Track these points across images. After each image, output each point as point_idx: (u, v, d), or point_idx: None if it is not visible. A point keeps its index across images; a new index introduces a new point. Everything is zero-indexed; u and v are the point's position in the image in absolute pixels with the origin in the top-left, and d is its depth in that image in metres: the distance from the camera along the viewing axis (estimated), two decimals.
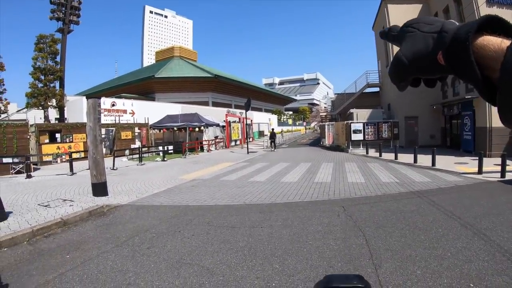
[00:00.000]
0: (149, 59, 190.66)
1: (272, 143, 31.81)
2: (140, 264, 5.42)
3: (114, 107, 30.61)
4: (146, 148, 25.62)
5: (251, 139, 39.37)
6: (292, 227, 7.29)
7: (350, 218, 8.00)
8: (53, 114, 34.28)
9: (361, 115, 30.69)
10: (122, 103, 32.04)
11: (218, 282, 4.73)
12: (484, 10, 20.14)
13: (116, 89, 63.32)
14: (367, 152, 24.17)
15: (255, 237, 6.67)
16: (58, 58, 32.69)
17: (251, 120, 47.31)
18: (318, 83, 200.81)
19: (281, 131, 56.58)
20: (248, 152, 27.86)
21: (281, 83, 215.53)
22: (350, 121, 28.63)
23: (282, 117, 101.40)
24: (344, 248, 5.98)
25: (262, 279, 4.80)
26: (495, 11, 20.20)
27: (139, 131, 28.66)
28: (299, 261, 5.43)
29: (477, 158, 14.18)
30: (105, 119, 28.22)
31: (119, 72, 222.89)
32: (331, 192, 11.22)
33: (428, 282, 4.62)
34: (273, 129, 34.34)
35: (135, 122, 30.31)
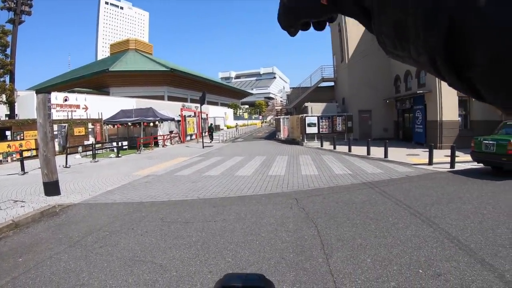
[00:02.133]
0: (103, 52, 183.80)
1: (210, 136, 35.79)
2: (93, 263, 5.28)
3: (66, 102, 29.46)
4: (100, 145, 24.86)
5: (206, 133, 39.09)
6: (245, 221, 7.31)
7: (302, 210, 8.09)
8: (3, 110, 32.30)
9: (315, 109, 31.18)
10: (75, 98, 30.86)
11: (172, 278, 4.69)
12: None
13: (69, 83, 60.53)
14: (321, 145, 24.65)
15: (208, 231, 6.65)
16: (8, 51, 30.89)
17: (207, 114, 46.99)
18: (275, 77, 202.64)
19: (236, 125, 56.47)
20: (203, 147, 27.69)
21: (237, 77, 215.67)
22: (305, 115, 29.10)
23: (238, 111, 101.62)
24: (296, 239, 6.05)
25: (215, 273, 4.80)
26: None
27: (92, 127, 27.77)
28: (252, 254, 5.45)
29: (428, 150, 14.77)
30: (57, 114, 26.92)
31: (72, 66, 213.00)
32: (285, 185, 11.31)
33: (378, 270, 4.73)
34: (211, 124, 38.41)
35: (89, 117, 29.27)
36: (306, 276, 4.62)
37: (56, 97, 28.48)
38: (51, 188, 10.39)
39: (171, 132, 32.47)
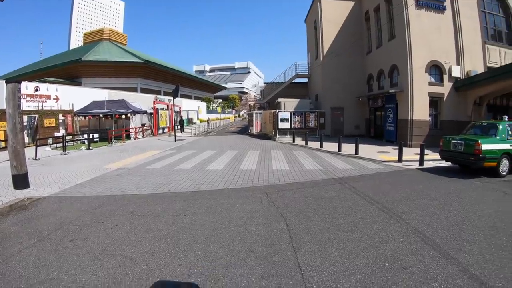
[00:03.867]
0: (77, 41, 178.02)
1: (181, 128, 37.91)
2: (63, 257, 5.16)
3: (37, 92, 28.47)
4: (70, 137, 24.21)
5: (178, 127, 38.82)
6: (215, 214, 7.31)
7: (272, 204, 8.14)
8: None
9: (288, 105, 31.43)
10: (46, 88, 29.78)
11: (141, 271, 4.65)
12: (413, 11, 21.65)
13: (41, 72, 58.44)
14: (293, 141, 24.84)
15: (178, 225, 6.62)
16: None
17: (180, 108, 46.58)
18: (249, 72, 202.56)
19: (208, 119, 56.19)
20: (175, 140, 27.49)
21: (212, 70, 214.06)
22: (277, 110, 29.30)
23: (212, 105, 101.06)
24: (265, 233, 6.09)
25: (185, 266, 4.78)
26: (422, 13, 21.92)
27: (63, 118, 26.86)
28: (221, 247, 5.46)
29: (398, 147, 15.13)
30: (27, 105, 26.00)
31: (44, 54, 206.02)
32: (256, 179, 11.36)
33: (345, 263, 4.81)
34: (181, 117, 40.70)
35: (60, 108, 28.33)
36: (274, 268, 4.65)
37: (27, 87, 27.46)
38: (20, 181, 10.08)
39: (143, 124, 32.07)
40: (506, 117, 13.29)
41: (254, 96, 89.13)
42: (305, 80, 38.85)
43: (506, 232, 6.07)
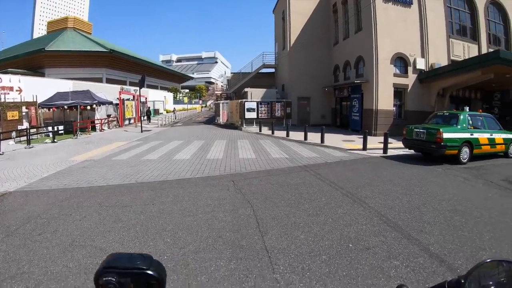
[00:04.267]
0: (40, 30, 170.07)
1: (148, 119, 38.23)
2: (32, 251, 5.05)
3: None
4: (35, 129, 23.33)
5: (145, 117, 38.23)
6: (183, 202, 7.31)
7: (239, 191, 8.19)
8: None
9: (255, 94, 31.44)
10: (8, 79, 28.57)
11: None
12: (380, 4, 22.11)
13: (2, 63, 55.31)
14: (260, 130, 25.00)
15: (146, 214, 6.59)
16: None
17: (146, 98, 45.77)
18: (216, 62, 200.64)
19: (174, 110, 55.44)
20: (142, 131, 27.01)
21: (178, 60, 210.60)
22: (244, 100, 29.30)
23: (178, 95, 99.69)
24: (232, 219, 6.15)
25: (154, 253, 4.72)
26: (389, 7, 22.42)
27: (26, 110, 25.80)
28: (190, 234, 5.48)
29: (363, 136, 15.47)
30: None
31: (6, 44, 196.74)
32: (222, 168, 11.38)
33: (311, 245, 4.92)
34: (148, 107, 41.98)
35: (23, 100, 27.22)
36: (242, 252, 4.72)
37: None
38: None
39: (109, 116, 31.30)
40: (467, 108, 13.87)
41: (221, 86, 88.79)
42: (272, 70, 38.93)
43: (465, 215, 6.35)
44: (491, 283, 0.99)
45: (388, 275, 4.06)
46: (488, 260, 1.01)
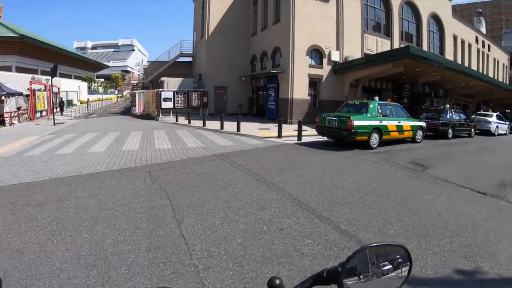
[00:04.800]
0: None
1: (61, 110, 36.47)
2: None
3: None
4: None
5: (58, 109, 35.91)
6: (99, 196, 7.07)
7: (155, 182, 8.10)
8: None
9: (172, 84, 30.97)
10: None
11: (30, 260, 4.35)
12: None
13: None
14: (176, 120, 24.76)
15: (62, 211, 6.26)
16: None
17: (59, 88, 42.80)
18: (133, 50, 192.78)
19: (88, 100, 52.69)
20: (55, 124, 25.23)
21: (94, 47, 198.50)
22: (160, 89, 28.67)
23: (93, 85, 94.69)
24: (149, 209, 6.09)
25: (73, 250, 4.61)
26: (308, 1, 23.30)
27: None
28: (107, 227, 5.35)
29: (278, 124, 15.93)
30: None
31: None
32: (138, 159, 11.15)
33: (226, 230, 5.03)
34: (61, 98, 39.78)
35: None
36: (160, 241, 4.71)
37: None
38: None
39: (19, 108, 28.73)
40: (377, 97, 14.98)
41: (138, 75, 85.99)
42: (190, 59, 38.61)
43: (373, 194, 6.91)
44: (369, 268, 1.05)
45: (301, 253, 4.28)
46: (368, 246, 1.06)
